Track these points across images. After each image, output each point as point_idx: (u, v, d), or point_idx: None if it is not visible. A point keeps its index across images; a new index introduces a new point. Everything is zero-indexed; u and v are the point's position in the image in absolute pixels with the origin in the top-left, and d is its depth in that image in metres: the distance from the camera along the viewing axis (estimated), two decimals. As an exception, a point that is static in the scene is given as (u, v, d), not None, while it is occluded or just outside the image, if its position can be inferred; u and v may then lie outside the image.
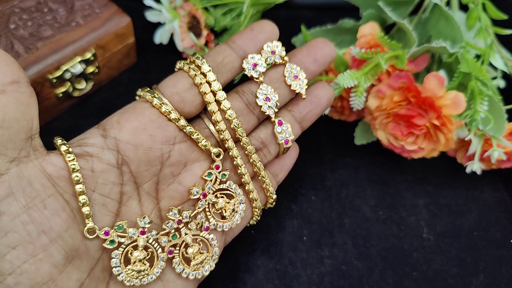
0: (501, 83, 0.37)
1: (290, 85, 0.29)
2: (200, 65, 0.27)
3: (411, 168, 0.37)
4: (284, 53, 0.29)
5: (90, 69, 0.36)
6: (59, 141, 0.25)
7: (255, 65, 0.28)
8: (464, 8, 0.37)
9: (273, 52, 0.29)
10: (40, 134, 0.26)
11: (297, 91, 0.29)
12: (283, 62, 0.29)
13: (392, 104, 0.32)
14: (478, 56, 0.35)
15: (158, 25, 0.40)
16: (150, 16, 0.39)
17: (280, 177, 0.31)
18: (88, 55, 0.35)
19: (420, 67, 0.34)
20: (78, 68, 0.34)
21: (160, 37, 0.40)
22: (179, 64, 0.28)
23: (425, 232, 0.34)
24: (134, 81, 0.39)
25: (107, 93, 0.38)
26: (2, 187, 0.22)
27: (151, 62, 0.40)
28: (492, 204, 0.36)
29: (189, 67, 0.27)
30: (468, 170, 0.34)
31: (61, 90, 0.35)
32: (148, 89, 0.28)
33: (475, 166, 0.34)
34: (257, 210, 0.29)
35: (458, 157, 0.35)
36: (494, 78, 0.37)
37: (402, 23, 0.34)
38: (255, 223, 0.30)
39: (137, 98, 0.28)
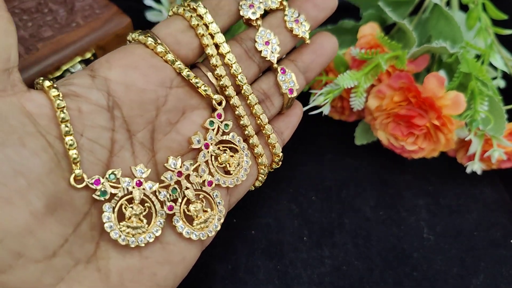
0: (501, 83, 0.37)
1: (291, 30, 0.27)
2: (195, 7, 0.25)
3: (411, 168, 0.37)
4: None
5: (90, 69, 0.36)
6: (41, 78, 0.22)
7: (251, 5, 0.27)
8: (464, 8, 0.37)
9: None
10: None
11: (299, 36, 0.27)
12: (282, 7, 0.27)
13: (392, 105, 0.32)
14: (478, 56, 0.35)
15: (158, 25, 0.40)
16: (150, 16, 0.39)
17: (285, 135, 0.29)
18: (88, 55, 0.35)
19: (420, 67, 0.34)
20: (78, 68, 0.34)
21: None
22: (172, 9, 0.26)
23: (425, 232, 0.34)
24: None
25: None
26: None
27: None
28: (492, 204, 0.36)
29: (184, 9, 0.25)
30: (468, 170, 0.34)
31: (61, 90, 0.35)
32: (140, 31, 0.25)
33: (475, 166, 0.34)
34: (263, 167, 0.27)
35: (458, 157, 0.35)
36: (494, 78, 0.37)
37: (402, 23, 0.34)
38: (260, 184, 0.28)
39: (127, 44, 0.26)
